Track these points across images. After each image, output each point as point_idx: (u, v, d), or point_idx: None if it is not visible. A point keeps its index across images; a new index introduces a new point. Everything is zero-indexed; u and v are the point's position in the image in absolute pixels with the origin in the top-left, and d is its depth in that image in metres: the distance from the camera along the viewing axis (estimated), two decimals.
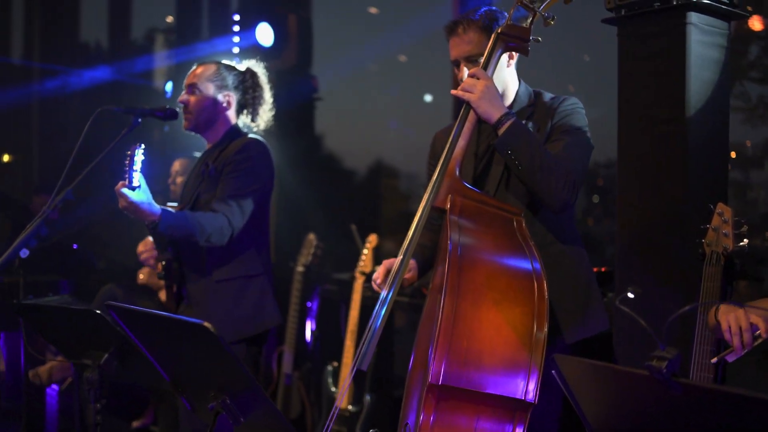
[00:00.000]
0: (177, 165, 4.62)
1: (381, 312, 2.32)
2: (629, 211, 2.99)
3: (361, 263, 4.36)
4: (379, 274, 2.56)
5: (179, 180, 4.53)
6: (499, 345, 2.05)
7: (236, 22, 6.93)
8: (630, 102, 2.99)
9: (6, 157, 11.76)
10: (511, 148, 2.37)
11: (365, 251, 4.37)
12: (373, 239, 4.36)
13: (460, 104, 2.50)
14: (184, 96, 3.39)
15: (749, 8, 2.97)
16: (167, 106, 3.24)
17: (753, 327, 2.16)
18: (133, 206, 2.90)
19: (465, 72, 2.57)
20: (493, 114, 2.39)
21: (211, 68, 3.42)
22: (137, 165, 2.89)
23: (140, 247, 3.67)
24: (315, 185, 6.10)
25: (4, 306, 4.02)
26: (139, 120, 3.15)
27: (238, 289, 3.27)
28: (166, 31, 10.48)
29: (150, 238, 3.59)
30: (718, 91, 2.89)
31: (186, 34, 8.90)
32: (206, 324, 1.59)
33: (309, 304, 4.87)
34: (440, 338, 2.03)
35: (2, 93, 10.53)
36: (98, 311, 2.50)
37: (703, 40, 2.83)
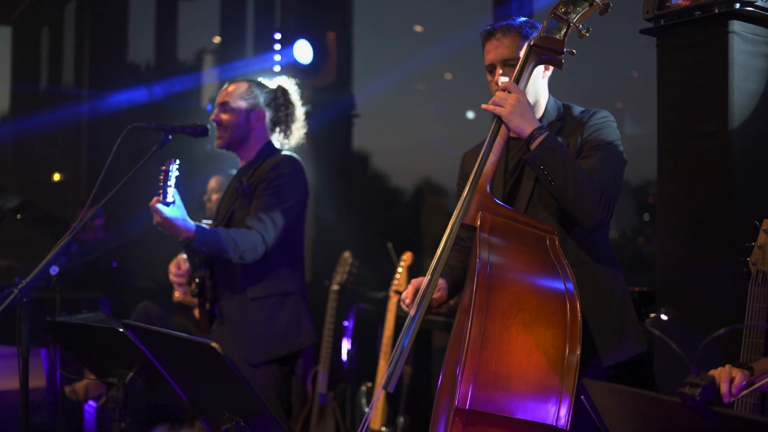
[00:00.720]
0: (213, 182, 4.63)
1: (408, 332, 2.24)
2: (670, 229, 2.87)
3: (396, 282, 4.29)
4: (407, 293, 2.49)
5: (214, 197, 4.54)
6: (529, 368, 1.96)
7: (277, 41, 6.97)
8: (670, 115, 2.88)
9: (56, 176, 12.02)
10: (544, 164, 2.29)
11: (399, 269, 4.30)
12: (407, 257, 4.28)
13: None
14: (216, 114, 3.39)
15: None
16: (198, 123, 3.23)
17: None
18: (168, 222, 2.90)
19: (500, 77, 2.51)
20: (526, 128, 2.31)
21: (243, 86, 3.42)
22: (172, 180, 2.89)
23: (172, 268, 3.65)
24: (358, 203, 6.07)
25: (39, 323, 4.05)
26: (170, 137, 3.14)
27: (271, 307, 3.24)
28: (215, 52, 10.63)
29: (183, 256, 3.58)
30: (763, 103, 2.76)
31: (231, 53, 9.01)
32: (213, 344, 1.54)
33: (345, 323, 4.81)
34: (467, 361, 1.95)
35: (54, 114, 10.79)
36: (121, 329, 2.47)
37: (746, 50, 2.72)
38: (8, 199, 5.03)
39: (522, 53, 2.43)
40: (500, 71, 2.52)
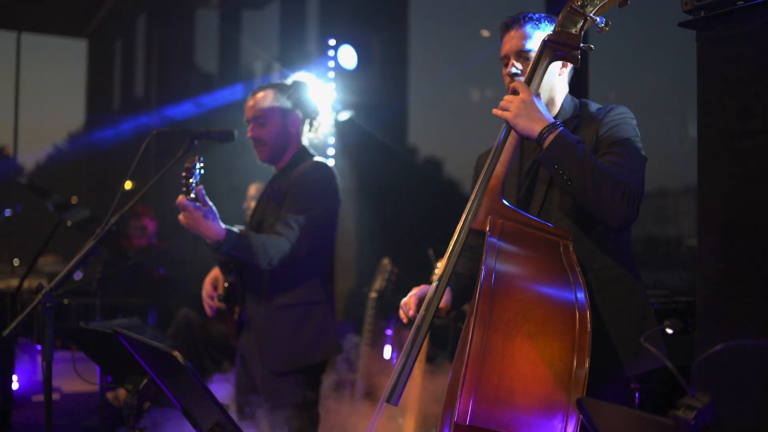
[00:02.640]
0: (252, 189, 4.63)
1: (414, 342, 2.15)
2: (712, 236, 2.68)
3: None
4: (409, 303, 2.38)
5: (253, 204, 4.52)
6: (533, 382, 1.83)
7: (332, 47, 6.95)
8: (712, 113, 2.68)
9: (128, 185, 12.34)
10: (558, 162, 2.14)
11: (433, 278, 4.17)
12: (443, 264, 4.15)
13: None
14: (252, 130, 3.33)
15: None
16: (224, 128, 3.20)
17: None
18: (196, 221, 2.87)
19: (512, 67, 2.39)
20: (534, 128, 2.18)
21: (269, 94, 3.35)
22: (196, 178, 2.87)
23: (207, 284, 3.53)
24: (430, 210, 5.96)
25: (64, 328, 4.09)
26: (195, 142, 3.11)
27: (298, 316, 3.17)
28: (277, 60, 10.72)
29: (216, 270, 3.54)
30: None
31: (292, 61, 9.05)
32: (175, 353, 1.48)
33: (387, 331, 4.71)
34: (468, 374, 1.83)
35: (127, 123, 11.07)
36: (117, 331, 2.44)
37: None
38: (77, 212, 5.14)
39: (536, 49, 2.30)
40: (513, 62, 2.40)
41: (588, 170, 2.12)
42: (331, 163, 3.44)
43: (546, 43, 2.25)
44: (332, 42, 7.02)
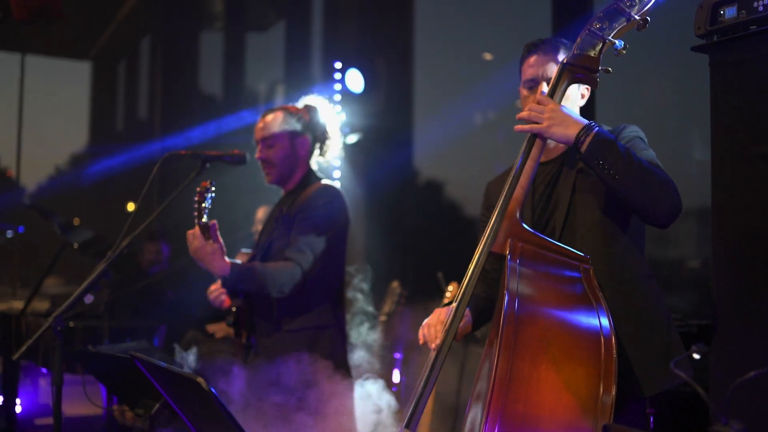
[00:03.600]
0: (260, 213, 4.62)
1: (433, 366, 2.13)
2: (727, 261, 2.66)
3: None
4: (430, 326, 2.35)
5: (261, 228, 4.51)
6: (559, 409, 1.81)
7: (338, 70, 6.98)
8: (726, 138, 2.67)
9: (130, 206, 12.30)
10: (602, 158, 2.13)
11: (444, 301, 4.15)
12: (453, 287, 4.14)
13: None
14: (261, 151, 3.34)
15: None
16: (236, 151, 3.20)
17: None
18: (203, 254, 2.87)
19: (544, 90, 2.38)
20: (571, 133, 2.18)
21: (278, 116, 3.36)
22: (208, 202, 2.87)
23: (213, 286, 3.59)
24: (430, 234, 5.94)
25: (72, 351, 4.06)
26: (207, 165, 3.11)
27: (306, 341, 3.15)
28: (282, 82, 10.76)
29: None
30: None
31: (297, 83, 9.09)
32: (199, 379, 1.46)
33: (396, 354, 4.68)
34: (493, 401, 1.81)
35: (130, 153, 11.06)
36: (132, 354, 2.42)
37: None
38: (79, 234, 5.13)
39: (555, 72, 2.31)
40: (543, 86, 2.40)
41: (635, 163, 2.13)
42: (337, 185, 3.41)
43: (565, 66, 2.26)
44: (338, 65, 7.05)
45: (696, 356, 1.48)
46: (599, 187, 2.32)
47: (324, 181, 3.34)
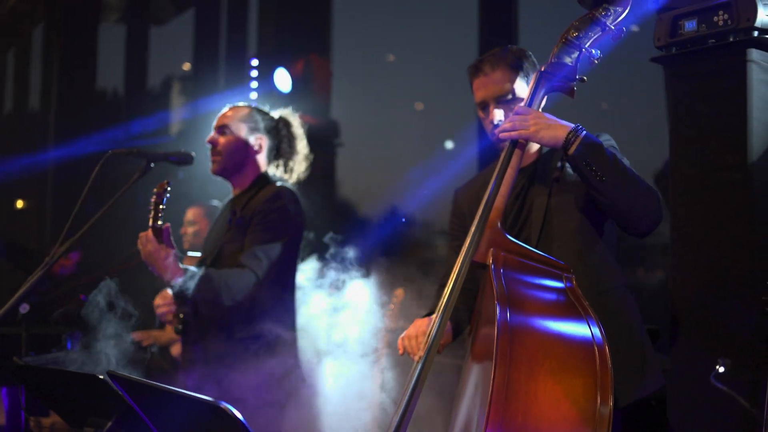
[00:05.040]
0: (190, 214, 4.41)
1: (415, 379, 2.07)
2: (685, 268, 2.73)
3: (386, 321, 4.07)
4: (411, 337, 2.28)
5: (190, 230, 4.33)
6: (558, 421, 1.78)
7: (254, 67, 6.80)
8: (684, 148, 2.75)
9: (19, 203, 11.61)
10: (591, 159, 2.13)
11: (391, 307, 4.10)
12: (399, 293, 4.09)
13: (487, 149, 2.29)
14: (213, 135, 3.20)
15: None
16: (182, 150, 3.04)
17: None
18: (155, 258, 2.72)
19: (496, 114, 2.37)
20: (559, 135, 2.17)
21: (244, 110, 3.25)
22: (163, 206, 2.72)
23: (158, 300, 3.40)
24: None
25: (4, 363, 3.79)
26: (152, 164, 2.95)
27: (262, 348, 3.02)
28: (183, 79, 10.43)
29: (168, 291, 3.36)
30: None
31: (203, 80, 8.82)
32: (223, 405, 1.35)
33: None
34: (492, 413, 1.76)
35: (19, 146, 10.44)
36: (102, 376, 2.25)
37: (764, 79, 2.60)
38: None
39: (532, 80, 2.30)
40: (494, 109, 2.39)
41: (621, 167, 2.14)
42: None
43: (542, 74, 2.25)
44: (254, 62, 6.88)
45: (721, 369, 1.48)
46: (576, 196, 2.31)
47: (280, 184, 3.23)
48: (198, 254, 3.21)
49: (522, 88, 2.41)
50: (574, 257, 2.22)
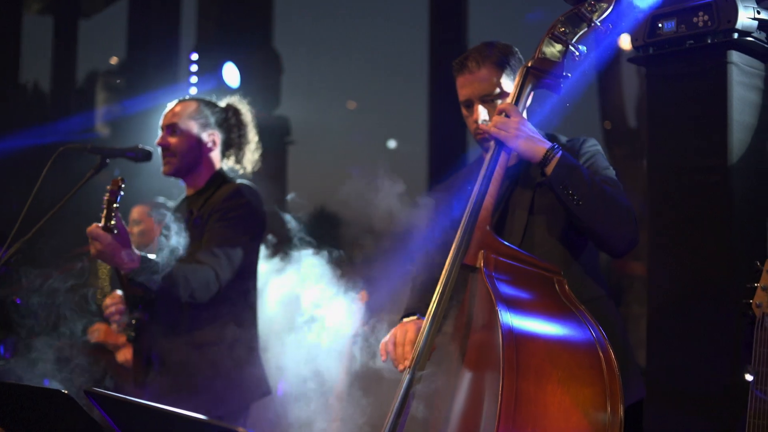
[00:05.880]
0: (135, 213, 4.20)
1: (404, 390, 1.98)
2: (662, 270, 2.71)
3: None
4: (397, 345, 2.17)
5: (136, 229, 4.11)
6: (569, 431, 1.71)
7: (193, 62, 6.58)
8: (662, 149, 2.73)
9: None
10: (569, 183, 2.06)
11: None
12: (363, 295, 3.97)
13: (439, 150, 2.21)
14: (163, 138, 3.01)
15: None
16: (140, 146, 2.86)
17: None
18: (110, 250, 2.55)
19: (480, 112, 2.29)
20: (536, 150, 2.10)
21: (192, 105, 3.07)
22: (117, 204, 2.55)
23: (107, 301, 3.20)
24: None
25: None
26: (107, 161, 2.77)
27: (221, 354, 2.86)
28: (107, 74, 10.06)
29: (118, 292, 3.15)
30: (757, 139, 2.65)
31: (135, 76, 8.49)
32: (240, 430, 1.22)
33: None
34: (501, 425, 1.68)
35: None
36: (66, 391, 2.06)
37: (743, 81, 2.60)
38: None
39: (517, 77, 2.22)
40: (479, 107, 2.31)
41: (597, 191, 2.07)
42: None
43: (528, 70, 2.18)
44: (194, 56, 6.67)
45: (749, 377, 1.43)
46: (558, 205, 2.24)
47: (240, 181, 3.07)
48: (151, 256, 3.02)
49: (508, 85, 2.33)
50: (559, 265, 2.15)
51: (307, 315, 3.54)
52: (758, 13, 2.54)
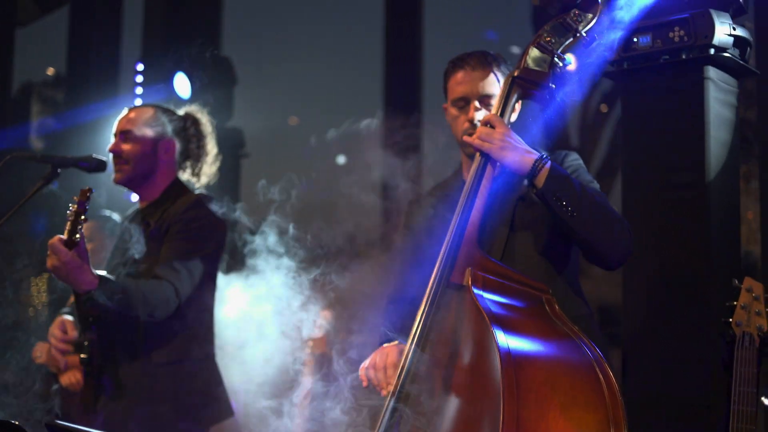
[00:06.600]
0: (85, 230, 3.98)
1: (387, 415, 1.87)
2: (638, 288, 2.67)
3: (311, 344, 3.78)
4: (378, 369, 2.06)
5: (89, 246, 3.90)
6: None
7: (139, 72, 6.38)
8: (637, 165, 2.70)
9: None
10: (561, 193, 1.98)
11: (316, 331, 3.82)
12: (326, 315, 3.84)
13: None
14: (116, 144, 2.85)
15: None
16: (93, 155, 2.70)
17: None
18: (69, 267, 2.40)
19: (476, 113, 2.21)
20: (524, 162, 2.01)
21: (148, 112, 2.92)
22: (84, 217, 2.40)
23: (55, 331, 2.97)
24: None
25: None
26: (59, 170, 2.60)
27: (182, 375, 2.72)
28: (42, 85, 9.75)
29: (67, 318, 2.96)
30: (731, 156, 2.64)
31: (74, 87, 8.21)
32: None
33: None
34: None
35: None
36: (17, 422, 1.89)
37: (719, 98, 2.59)
38: None
39: (502, 87, 2.15)
40: (474, 104, 2.23)
41: (590, 201, 2.00)
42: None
43: (514, 80, 2.11)
44: (140, 67, 6.47)
45: (766, 401, 1.37)
46: (540, 220, 2.17)
47: (199, 191, 2.93)
48: (102, 273, 2.85)
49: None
50: (545, 283, 2.07)
51: (265, 331, 3.42)
52: (734, 29, 2.53)
